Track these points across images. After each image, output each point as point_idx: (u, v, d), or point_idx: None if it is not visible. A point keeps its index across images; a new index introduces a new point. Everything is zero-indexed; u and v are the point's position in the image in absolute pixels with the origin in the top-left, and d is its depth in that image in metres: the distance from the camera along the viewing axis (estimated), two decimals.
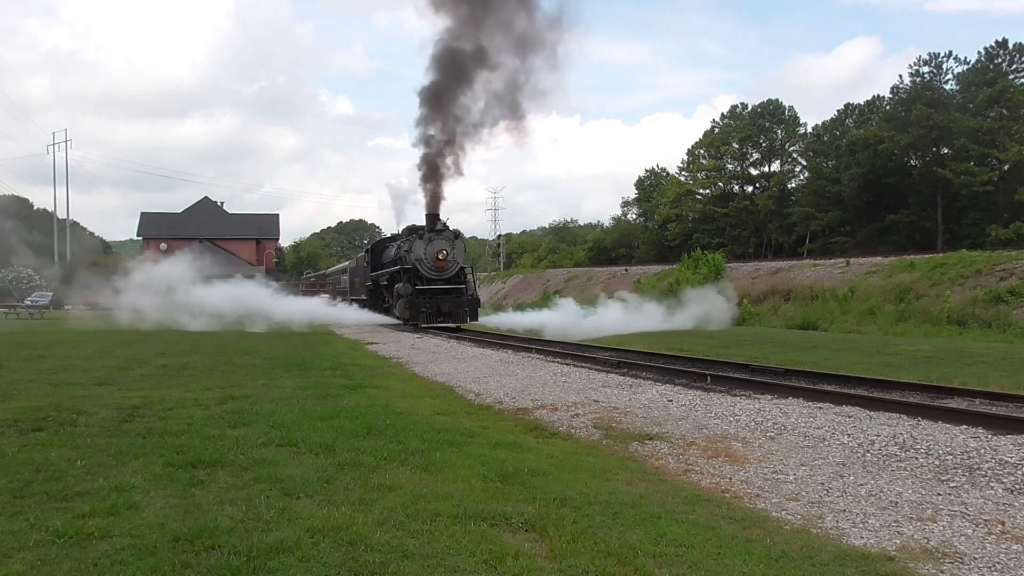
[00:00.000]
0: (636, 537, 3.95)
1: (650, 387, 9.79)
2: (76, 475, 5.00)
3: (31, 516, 4.15)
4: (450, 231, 24.86)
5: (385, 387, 9.93)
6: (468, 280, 25.21)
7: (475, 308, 24.55)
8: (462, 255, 25.10)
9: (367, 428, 6.63)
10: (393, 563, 3.51)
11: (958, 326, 22.22)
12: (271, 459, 5.50)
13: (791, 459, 5.85)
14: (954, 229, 46.21)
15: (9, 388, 9.27)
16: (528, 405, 8.67)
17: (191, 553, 3.62)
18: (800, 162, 60.56)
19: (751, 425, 7.15)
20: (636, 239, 69.08)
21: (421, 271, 24.13)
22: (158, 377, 10.69)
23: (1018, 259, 24.46)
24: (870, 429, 6.74)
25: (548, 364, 13.05)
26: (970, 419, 7.05)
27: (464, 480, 4.99)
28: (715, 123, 65.00)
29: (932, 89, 48.73)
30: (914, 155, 48.96)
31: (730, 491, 5.07)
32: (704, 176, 64.44)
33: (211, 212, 75.29)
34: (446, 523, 4.08)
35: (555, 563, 3.59)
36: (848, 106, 57.26)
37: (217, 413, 7.46)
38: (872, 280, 28.32)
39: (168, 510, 4.29)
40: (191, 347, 16.28)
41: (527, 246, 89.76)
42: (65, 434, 6.37)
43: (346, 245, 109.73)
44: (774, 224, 57.53)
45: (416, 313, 23.41)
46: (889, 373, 11.40)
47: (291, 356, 14.16)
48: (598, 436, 6.91)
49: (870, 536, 4.15)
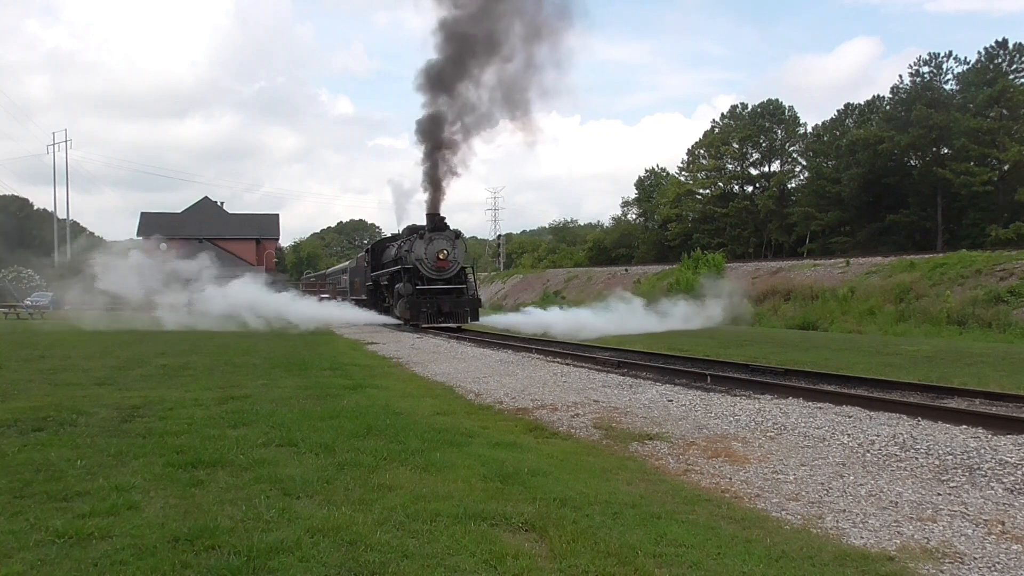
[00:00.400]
0: (636, 537, 3.95)
1: (650, 387, 9.79)
2: (76, 475, 5.00)
3: (31, 516, 4.15)
4: (451, 231, 24.75)
5: (385, 387, 9.93)
6: (469, 280, 25.12)
7: (476, 308, 24.49)
8: (463, 255, 25.01)
9: (367, 428, 6.63)
10: (393, 563, 3.51)
11: (958, 326, 22.22)
12: (271, 459, 5.50)
13: (791, 459, 5.85)
14: (954, 229, 46.23)
15: (9, 388, 9.27)
16: (528, 405, 8.67)
17: (191, 553, 3.62)
18: (800, 162, 60.61)
19: (751, 425, 7.15)
20: (636, 239, 69.12)
21: (422, 271, 24.04)
22: (158, 377, 10.69)
23: (1018, 259, 24.46)
24: (870, 429, 6.74)
25: (548, 364, 13.05)
26: (970, 419, 7.05)
27: (464, 480, 4.99)
28: (715, 123, 65.16)
29: (932, 89, 48.75)
30: (914, 155, 48.99)
31: (730, 491, 5.07)
32: (704, 176, 64.49)
33: (211, 212, 75.36)
34: (446, 523, 4.08)
35: (555, 563, 3.59)
36: (848, 106, 57.41)
37: (217, 413, 7.46)
38: (872, 280, 28.33)
39: (168, 510, 4.29)
40: (191, 347, 16.28)
41: (527, 246, 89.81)
42: (65, 434, 6.37)
43: (346, 245, 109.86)
44: (774, 224, 57.56)
45: (417, 313, 23.30)
46: (889, 373, 11.40)
47: (291, 356, 14.16)
48: (598, 436, 6.91)
49: (870, 536, 4.15)
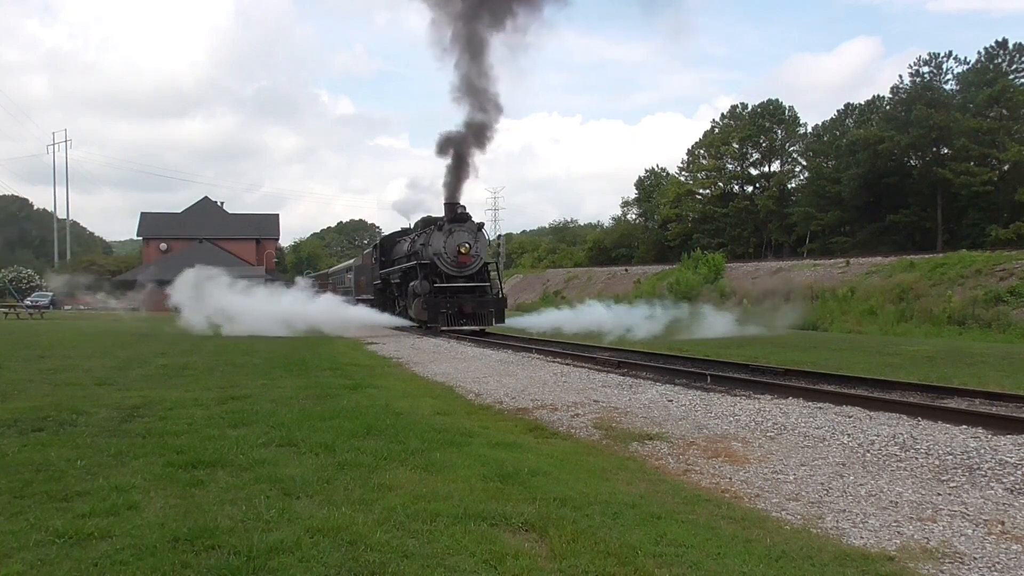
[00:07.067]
0: (636, 537, 3.94)
1: (650, 387, 9.78)
2: (76, 475, 4.99)
3: (31, 516, 4.15)
4: (473, 222, 22.20)
5: (385, 387, 9.93)
6: (493, 277, 22.76)
7: (501, 309, 21.93)
8: (485, 249, 22.65)
9: (367, 428, 6.63)
10: (393, 563, 3.51)
11: (958, 326, 22.23)
12: (271, 459, 5.49)
13: (791, 459, 5.85)
14: (954, 229, 46.22)
15: (9, 388, 9.26)
16: (528, 405, 8.66)
17: (191, 553, 3.62)
18: (800, 162, 60.58)
19: (751, 425, 7.15)
20: (636, 239, 69.07)
21: (440, 267, 21.55)
22: (158, 377, 10.69)
23: (1018, 259, 24.48)
24: (870, 429, 6.73)
25: (548, 364, 13.05)
26: (970, 419, 7.04)
27: (464, 480, 4.99)
28: (715, 123, 65.12)
29: (932, 89, 48.73)
30: (914, 155, 48.98)
31: (730, 491, 5.07)
32: (704, 176, 64.45)
33: (211, 212, 75.46)
34: (446, 523, 4.08)
35: (555, 563, 3.59)
36: (848, 106, 57.43)
37: (217, 413, 7.46)
38: (872, 280, 28.33)
39: (168, 510, 4.28)
40: (191, 347, 16.28)
41: (527, 246, 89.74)
42: (65, 434, 6.37)
43: (346, 245, 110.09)
44: (774, 224, 57.55)
45: (436, 315, 20.86)
46: (889, 373, 11.41)
47: (291, 356, 14.16)
48: (598, 436, 6.90)
49: (870, 536, 4.14)
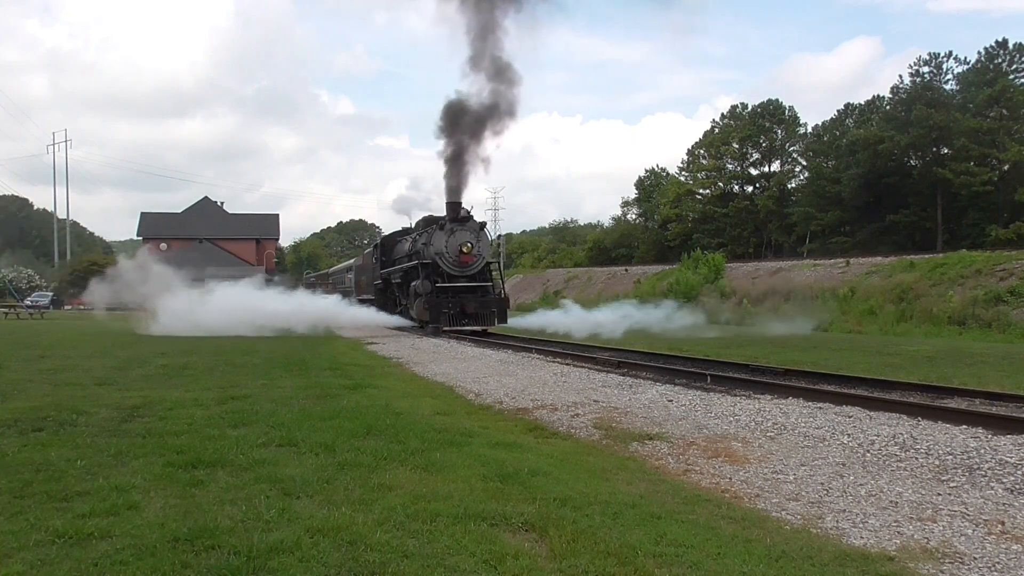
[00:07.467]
0: (636, 537, 3.94)
1: (650, 387, 9.78)
2: (76, 475, 4.99)
3: (31, 516, 4.15)
4: (475, 222, 22.33)
5: (385, 387, 9.93)
6: (495, 277, 22.86)
7: (504, 309, 22.13)
8: (487, 249, 22.74)
9: (367, 428, 6.63)
10: (393, 563, 3.51)
11: (958, 326, 22.23)
12: (271, 459, 5.49)
13: (791, 459, 5.85)
14: (954, 229, 46.23)
15: (9, 388, 9.26)
16: (528, 405, 8.66)
17: (191, 553, 3.62)
18: (800, 162, 60.59)
19: (751, 425, 7.15)
20: (636, 239, 69.08)
21: (442, 266, 21.67)
22: (158, 377, 10.69)
23: (1018, 259, 24.48)
24: (870, 429, 6.73)
25: (548, 364, 13.05)
26: (970, 419, 7.04)
27: (464, 480, 4.99)
28: (715, 123, 65.16)
29: (932, 89, 48.75)
30: (914, 155, 48.99)
31: (730, 491, 5.07)
32: (704, 176, 64.47)
33: (211, 212, 75.55)
34: (446, 523, 4.08)
35: (555, 563, 3.59)
36: (848, 106, 57.43)
37: (217, 413, 7.45)
38: (872, 280, 28.34)
39: (168, 510, 4.28)
40: (191, 347, 16.27)
41: (527, 246, 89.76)
42: (65, 434, 6.36)
43: (346, 245, 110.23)
44: (774, 224, 57.56)
45: (437, 315, 20.99)
46: (889, 373, 11.40)
47: (291, 356, 14.16)
48: (598, 436, 6.90)
49: (870, 536, 4.14)
